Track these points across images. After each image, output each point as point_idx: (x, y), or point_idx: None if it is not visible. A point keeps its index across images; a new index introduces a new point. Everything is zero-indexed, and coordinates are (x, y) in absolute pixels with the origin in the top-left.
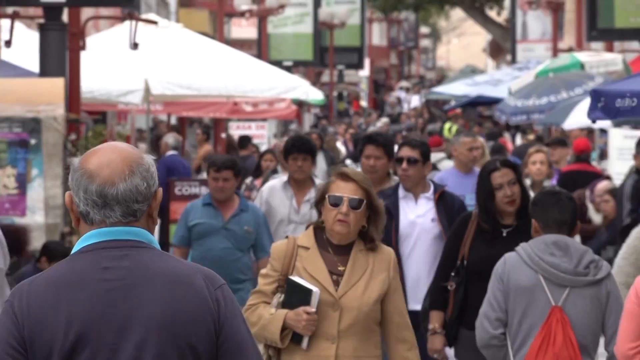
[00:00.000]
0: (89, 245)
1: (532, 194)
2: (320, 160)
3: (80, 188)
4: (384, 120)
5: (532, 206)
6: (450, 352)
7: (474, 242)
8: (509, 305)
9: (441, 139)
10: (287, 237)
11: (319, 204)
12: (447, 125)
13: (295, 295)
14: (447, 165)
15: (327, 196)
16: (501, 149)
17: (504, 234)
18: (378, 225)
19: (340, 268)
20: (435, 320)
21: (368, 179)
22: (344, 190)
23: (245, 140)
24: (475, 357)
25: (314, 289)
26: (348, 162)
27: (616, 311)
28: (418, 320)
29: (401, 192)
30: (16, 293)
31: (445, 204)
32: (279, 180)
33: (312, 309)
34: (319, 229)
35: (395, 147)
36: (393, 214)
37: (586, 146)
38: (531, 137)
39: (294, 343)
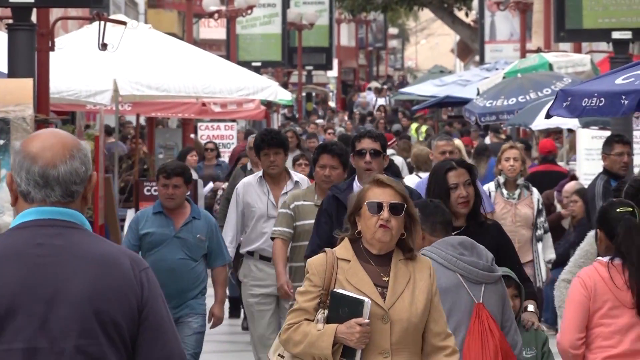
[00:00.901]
0: (27, 222)
1: (505, 191)
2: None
3: (23, 169)
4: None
5: None
6: None
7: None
8: None
9: (392, 135)
10: (324, 251)
11: (353, 215)
12: (414, 126)
13: (342, 309)
14: (397, 161)
15: (365, 204)
16: (486, 149)
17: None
18: (416, 234)
19: (385, 279)
20: None
21: (403, 185)
22: (383, 196)
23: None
24: None
25: (365, 299)
26: None
27: (509, 303)
28: None
29: (356, 186)
30: None
31: None
32: (253, 176)
33: (365, 320)
34: (354, 241)
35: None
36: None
37: (552, 147)
38: (502, 136)
39: (344, 359)
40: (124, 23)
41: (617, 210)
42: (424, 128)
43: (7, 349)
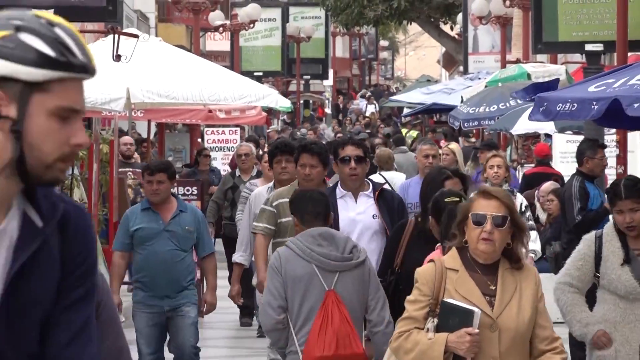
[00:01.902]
0: None
1: None
2: None
3: None
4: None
5: (290, 205)
6: None
7: (409, 249)
8: (288, 293)
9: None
10: (431, 260)
11: (460, 223)
12: (403, 131)
13: (453, 318)
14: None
15: (470, 215)
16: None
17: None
18: (522, 243)
19: (492, 287)
20: None
21: (510, 195)
22: (487, 209)
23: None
24: None
25: (475, 309)
26: None
27: (375, 284)
28: None
29: (339, 192)
30: None
31: (385, 201)
32: (264, 187)
33: (475, 330)
34: (461, 249)
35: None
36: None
37: (547, 151)
38: (472, 140)
39: None
40: (136, 36)
41: (446, 200)
42: (413, 133)
43: None
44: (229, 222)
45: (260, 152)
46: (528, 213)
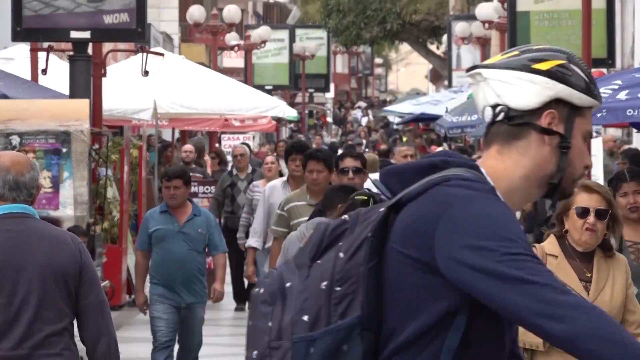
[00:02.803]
0: (1, 215)
1: None
2: None
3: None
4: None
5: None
6: None
7: None
8: None
9: (381, 143)
10: (533, 246)
11: (561, 214)
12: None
13: None
14: None
15: (574, 207)
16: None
17: None
18: (617, 233)
19: (588, 274)
20: None
21: (609, 190)
22: (590, 202)
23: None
24: None
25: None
26: None
27: None
28: None
29: None
30: None
31: None
32: (279, 180)
33: None
34: (560, 237)
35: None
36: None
37: None
38: (460, 144)
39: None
40: (162, 54)
41: (355, 197)
42: (404, 138)
43: None
44: (230, 214)
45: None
46: None
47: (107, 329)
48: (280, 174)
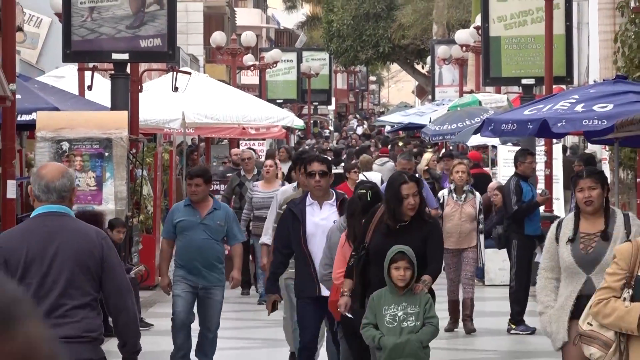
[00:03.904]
0: (39, 214)
1: (455, 195)
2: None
3: (37, 183)
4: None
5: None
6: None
7: (375, 232)
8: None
9: (387, 149)
10: (629, 240)
11: None
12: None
13: None
14: (390, 165)
15: None
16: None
17: (398, 227)
18: None
19: None
20: (345, 285)
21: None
22: None
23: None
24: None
25: None
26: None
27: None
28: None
29: (308, 200)
30: (1, 236)
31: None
32: (290, 185)
33: None
34: None
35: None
36: (300, 220)
37: (478, 156)
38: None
39: None
40: (189, 73)
41: (358, 190)
42: (400, 143)
43: (29, 282)
44: (238, 210)
45: (278, 160)
46: (481, 215)
47: (125, 306)
48: (283, 175)
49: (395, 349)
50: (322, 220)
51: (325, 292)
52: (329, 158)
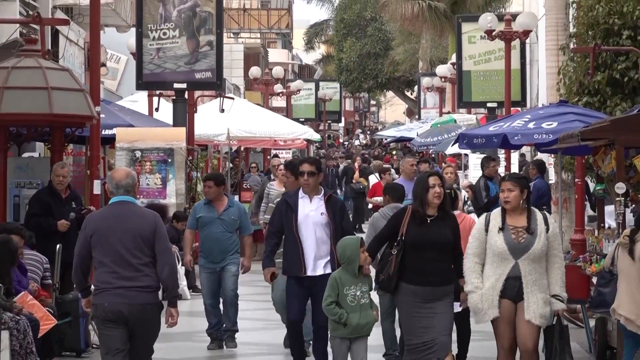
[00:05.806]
0: (113, 202)
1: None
2: None
3: (110, 182)
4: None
5: (385, 189)
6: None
7: (409, 225)
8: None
9: (389, 157)
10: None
11: None
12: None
13: None
14: (392, 171)
15: None
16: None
17: (429, 221)
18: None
19: None
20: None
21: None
22: None
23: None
24: (411, 302)
25: None
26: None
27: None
28: (314, 281)
29: (301, 194)
30: (88, 218)
31: (332, 203)
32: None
33: None
34: None
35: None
36: (294, 209)
37: (454, 162)
38: (416, 156)
39: None
40: (232, 98)
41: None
42: (394, 152)
43: (110, 246)
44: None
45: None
46: (468, 203)
47: (169, 261)
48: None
49: (357, 328)
50: (312, 211)
51: (310, 272)
52: (320, 159)
